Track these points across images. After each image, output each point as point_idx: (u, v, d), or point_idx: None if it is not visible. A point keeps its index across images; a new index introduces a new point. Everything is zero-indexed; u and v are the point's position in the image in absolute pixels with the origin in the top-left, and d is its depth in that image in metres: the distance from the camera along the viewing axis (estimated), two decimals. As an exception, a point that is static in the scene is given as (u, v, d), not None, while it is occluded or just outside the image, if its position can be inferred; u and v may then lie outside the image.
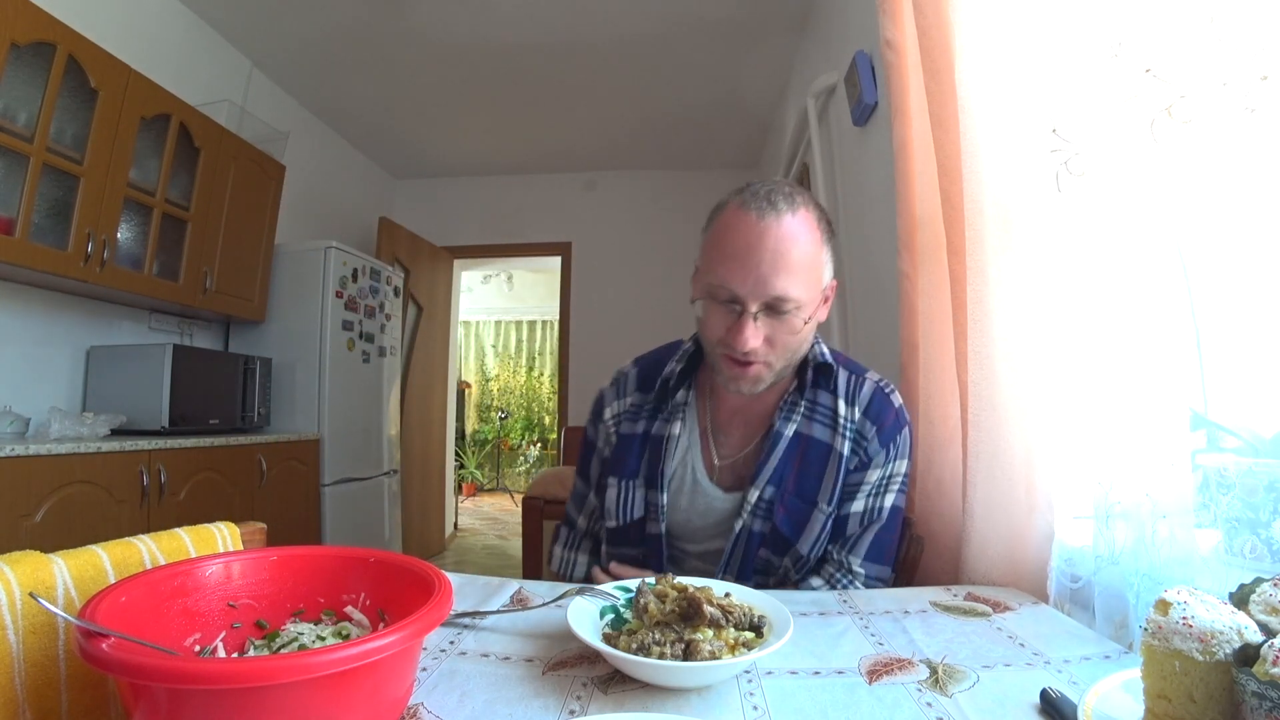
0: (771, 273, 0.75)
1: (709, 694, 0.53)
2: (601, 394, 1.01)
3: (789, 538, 0.86)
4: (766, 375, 0.82)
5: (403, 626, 0.42)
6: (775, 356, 0.81)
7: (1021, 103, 0.86)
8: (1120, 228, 0.79)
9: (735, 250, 0.77)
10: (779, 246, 0.75)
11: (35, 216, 1.77)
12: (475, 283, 7.00)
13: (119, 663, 0.36)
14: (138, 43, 2.22)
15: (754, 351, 0.78)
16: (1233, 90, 0.67)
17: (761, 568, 0.88)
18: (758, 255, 0.75)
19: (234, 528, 0.65)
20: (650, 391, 0.94)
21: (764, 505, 0.86)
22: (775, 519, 0.85)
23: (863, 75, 1.78)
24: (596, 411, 1.00)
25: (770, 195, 0.77)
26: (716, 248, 0.79)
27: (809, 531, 0.85)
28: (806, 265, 0.77)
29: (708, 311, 0.81)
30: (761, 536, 0.86)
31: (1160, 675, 0.43)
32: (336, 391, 2.85)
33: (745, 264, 0.76)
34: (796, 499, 0.86)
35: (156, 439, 1.96)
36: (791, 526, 0.85)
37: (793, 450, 0.87)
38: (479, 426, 7.14)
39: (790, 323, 0.78)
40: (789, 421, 0.87)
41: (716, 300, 0.79)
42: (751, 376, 0.81)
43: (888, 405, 0.89)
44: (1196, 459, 0.73)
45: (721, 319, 0.80)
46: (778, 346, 0.80)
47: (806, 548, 0.86)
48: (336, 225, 3.63)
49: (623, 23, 2.71)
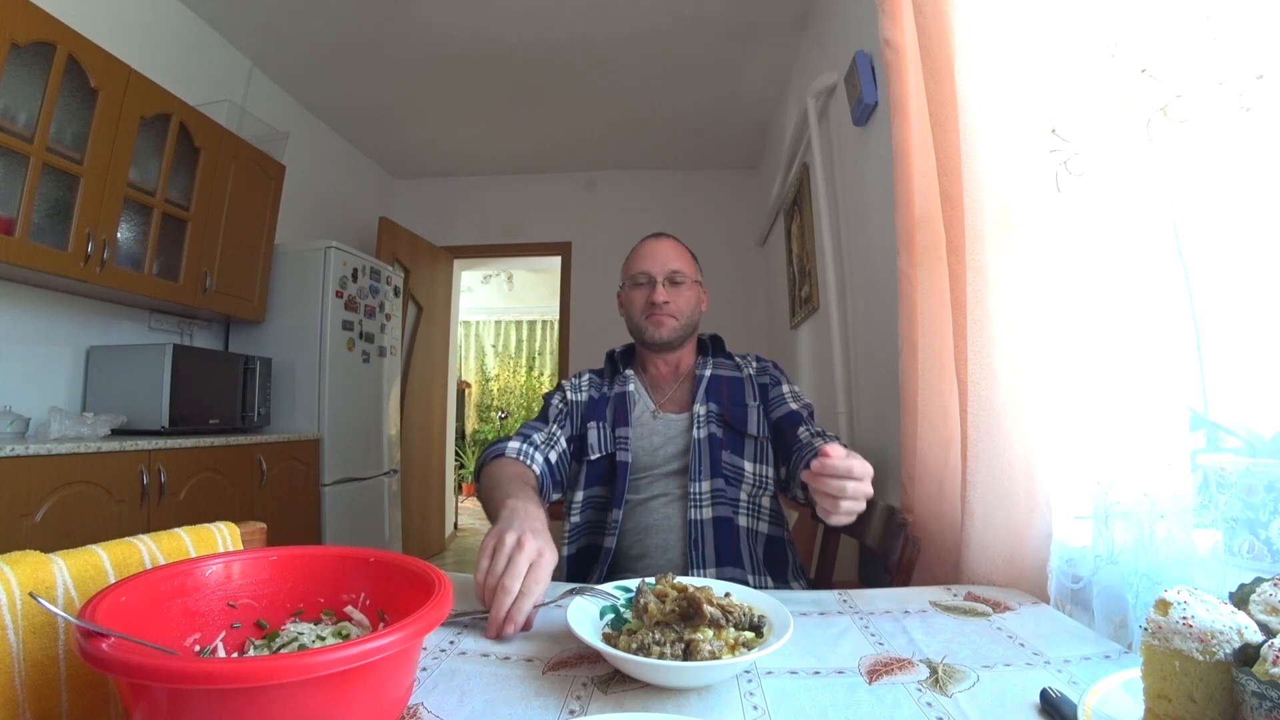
0: (667, 259, 1.20)
1: (709, 694, 0.53)
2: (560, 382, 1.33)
3: (738, 427, 1.17)
4: (676, 325, 1.20)
5: (403, 626, 0.42)
6: (679, 312, 1.20)
7: (1021, 102, 0.86)
8: (1119, 227, 0.79)
9: (643, 253, 1.23)
10: (667, 248, 1.22)
11: (35, 216, 1.77)
12: (475, 283, 7.00)
13: (119, 663, 0.36)
14: (138, 43, 2.22)
15: (666, 304, 1.18)
16: (1229, 89, 0.67)
17: (731, 474, 1.13)
18: (656, 251, 1.22)
19: (234, 528, 0.66)
20: (601, 375, 1.31)
21: (714, 416, 1.17)
22: (727, 418, 1.17)
23: (863, 75, 1.78)
24: (559, 386, 1.31)
25: (657, 234, 1.26)
26: (632, 259, 1.24)
27: (749, 420, 1.18)
28: (686, 259, 1.23)
29: (632, 294, 1.22)
30: (720, 440, 1.15)
31: (1160, 675, 0.43)
32: (336, 391, 2.85)
33: (651, 257, 1.21)
34: (731, 404, 1.20)
35: (156, 439, 1.95)
36: (738, 419, 1.18)
37: (717, 385, 1.22)
38: (479, 426, 7.13)
39: (686, 289, 1.21)
40: (705, 369, 1.24)
41: (637, 284, 1.21)
42: (668, 324, 1.19)
43: (765, 359, 1.30)
44: (1196, 459, 0.74)
45: (642, 293, 1.21)
46: (679, 303, 1.20)
47: (754, 428, 1.17)
48: (336, 225, 3.63)
49: (623, 23, 2.71)
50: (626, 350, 1.32)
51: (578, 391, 1.26)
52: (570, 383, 1.28)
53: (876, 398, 1.86)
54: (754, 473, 1.14)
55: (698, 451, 1.13)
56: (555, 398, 1.26)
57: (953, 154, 0.91)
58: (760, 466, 1.15)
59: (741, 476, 1.13)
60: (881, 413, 1.79)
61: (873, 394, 1.92)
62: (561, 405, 1.23)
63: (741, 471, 1.14)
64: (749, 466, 1.14)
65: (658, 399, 1.24)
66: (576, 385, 1.28)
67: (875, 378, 1.89)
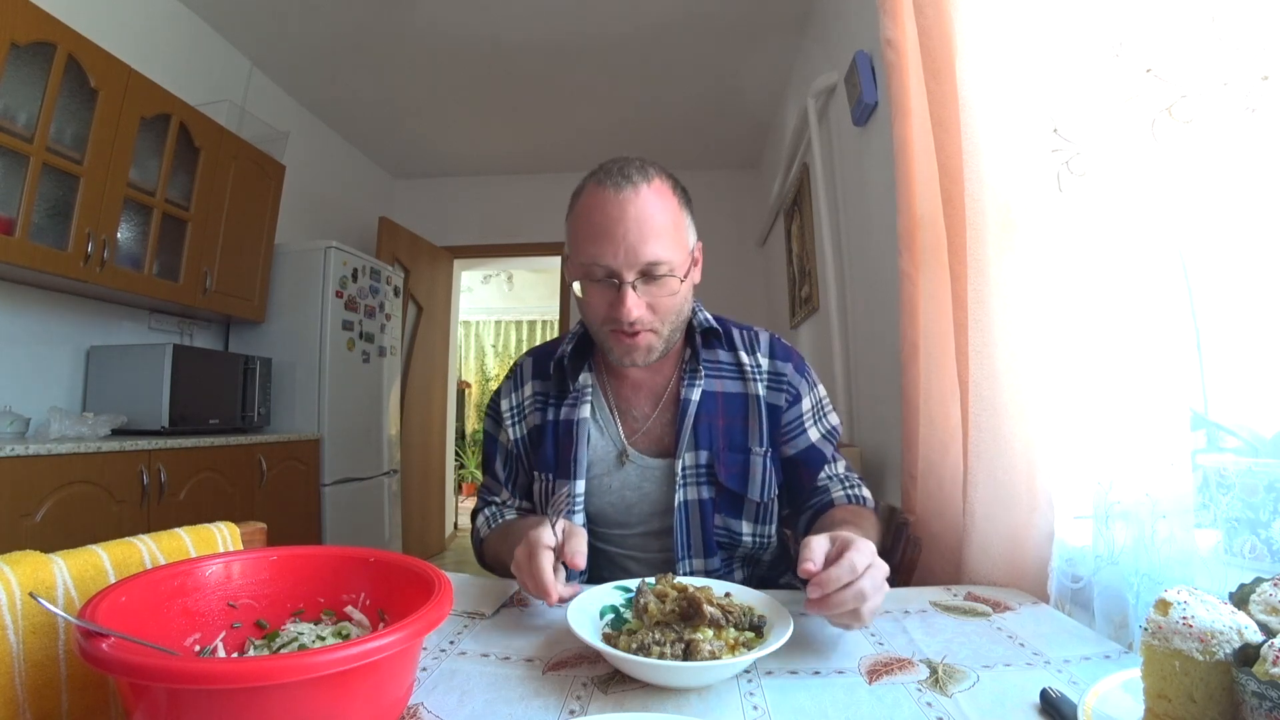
0: (639, 241, 0.77)
1: (709, 694, 0.53)
2: (498, 390, 1.01)
3: (738, 490, 0.88)
4: (657, 343, 0.84)
5: (403, 626, 0.42)
6: (660, 322, 0.83)
7: (1023, 102, 0.86)
8: (1121, 228, 0.79)
9: (601, 226, 0.78)
10: (641, 215, 0.78)
11: (35, 216, 1.77)
12: (475, 283, 7.00)
13: (119, 663, 0.36)
14: (138, 43, 2.22)
15: (640, 320, 0.80)
16: (1233, 90, 0.67)
17: (725, 541, 0.88)
18: (623, 227, 0.77)
19: (234, 528, 0.65)
20: (548, 379, 0.96)
21: (704, 471, 0.88)
22: (720, 478, 0.87)
23: (863, 75, 1.78)
24: (494, 405, 1.00)
25: (624, 169, 0.80)
26: (583, 227, 0.81)
27: (753, 478, 0.88)
28: (670, 228, 0.80)
29: (587, 292, 0.83)
30: (712, 503, 0.87)
31: (1160, 675, 0.43)
32: (336, 391, 2.85)
33: (613, 237, 0.78)
34: (730, 452, 0.88)
35: (156, 439, 1.96)
36: (736, 479, 0.88)
37: (711, 410, 0.90)
38: (479, 426, 7.13)
39: (667, 285, 0.81)
40: (693, 386, 0.89)
41: (593, 279, 0.81)
42: (643, 347, 0.83)
43: (786, 347, 0.96)
44: (1196, 459, 0.73)
45: (602, 296, 0.81)
46: (660, 311, 0.82)
47: (756, 492, 0.88)
48: (336, 225, 3.63)
49: (623, 22, 2.71)
50: (579, 345, 0.95)
51: (518, 420, 0.96)
52: (508, 404, 0.97)
53: (877, 398, 1.86)
54: (753, 534, 0.89)
55: (683, 520, 0.86)
56: (499, 437, 0.98)
57: (954, 154, 0.91)
58: (762, 527, 0.90)
59: (738, 543, 0.89)
60: (882, 413, 1.79)
61: (873, 394, 1.91)
62: (507, 446, 0.97)
63: (738, 537, 0.89)
64: (747, 529, 0.89)
65: (628, 428, 0.92)
66: (517, 408, 0.96)
67: (875, 377, 1.89)
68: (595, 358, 0.96)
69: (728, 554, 0.89)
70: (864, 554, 0.59)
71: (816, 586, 0.57)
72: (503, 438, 0.98)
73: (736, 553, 0.90)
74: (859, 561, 0.58)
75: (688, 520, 0.87)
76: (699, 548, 0.87)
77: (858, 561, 0.58)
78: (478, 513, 0.99)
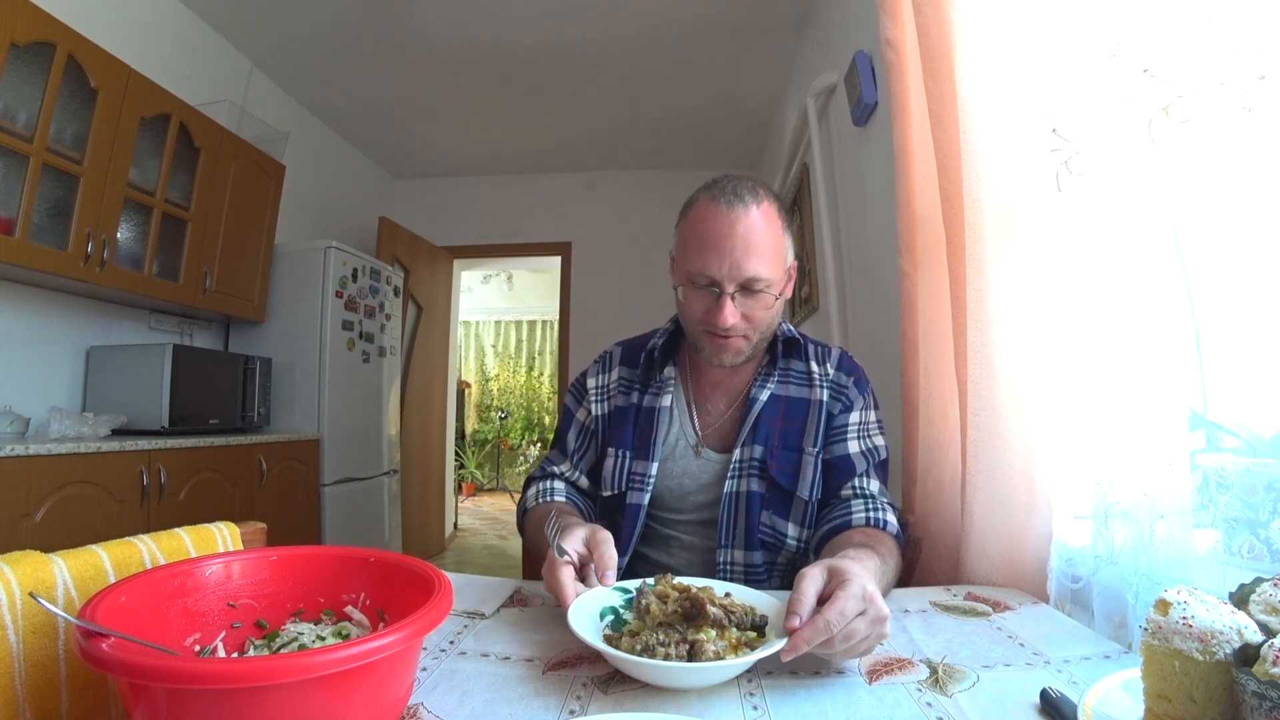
0: (744, 257, 0.84)
1: (709, 694, 0.53)
2: (584, 372, 1.07)
3: (787, 487, 0.91)
4: (745, 347, 0.91)
5: (403, 626, 0.42)
6: (752, 330, 0.89)
7: (1021, 102, 0.86)
8: (1120, 227, 0.79)
9: (710, 239, 0.85)
10: (749, 234, 0.84)
11: (35, 216, 1.77)
12: (475, 283, 7.00)
13: (119, 663, 0.36)
14: (138, 43, 2.22)
15: (734, 327, 0.87)
16: (1230, 90, 0.67)
17: (770, 540, 0.90)
18: (730, 242, 0.84)
19: (234, 528, 0.66)
20: (636, 366, 1.02)
21: (755, 465, 0.92)
22: (771, 472, 0.91)
23: (863, 75, 1.78)
24: (579, 384, 1.06)
25: (737, 189, 0.86)
26: (693, 238, 0.87)
27: (803, 477, 0.91)
28: (772, 249, 0.86)
29: (688, 296, 0.89)
30: (760, 497, 0.91)
31: (1160, 675, 0.43)
32: (336, 391, 2.85)
33: (720, 251, 0.84)
34: (785, 450, 0.93)
35: (156, 439, 1.96)
36: (787, 476, 0.91)
37: (773, 411, 0.95)
38: (479, 426, 7.13)
39: (763, 299, 0.87)
40: (764, 388, 0.95)
41: (695, 286, 0.87)
42: (733, 349, 0.90)
43: (854, 363, 1.01)
44: (1195, 459, 0.73)
45: (701, 301, 0.88)
46: (754, 321, 0.88)
47: (806, 490, 0.91)
48: (336, 225, 3.63)
49: (623, 23, 2.71)
50: (670, 341, 1.01)
51: (603, 399, 1.02)
52: (595, 384, 1.04)
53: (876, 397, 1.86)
54: (798, 539, 0.90)
55: (730, 510, 0.91)
56: (577, 412, 1.04)
57: (953, 154, 0.91)
58: (807, 531, 0.91)
59: (782, 544, 0.90)
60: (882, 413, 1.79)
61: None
62: (584, 421, 1.03)
63: (783, 538, 0.90)
64: (792, 532, 0.90)
65: (702, 423, 0.98)
66: (603, 389, 1.03)
67: (875, 378, 1.88)
68: (680, 354, 1.03)
69: (771, 555, 0.91)
70: (855, 598, 0.54)
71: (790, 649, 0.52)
72: (581, 414, 1.04)
73: (780, 556, 0.91)
74: (849, 609, 0.53)
75: (734, 510, 0.91)
76: (741, 539, 0.90)
77: (848, 609, 0.53)
78: (533, 480, 1.02)
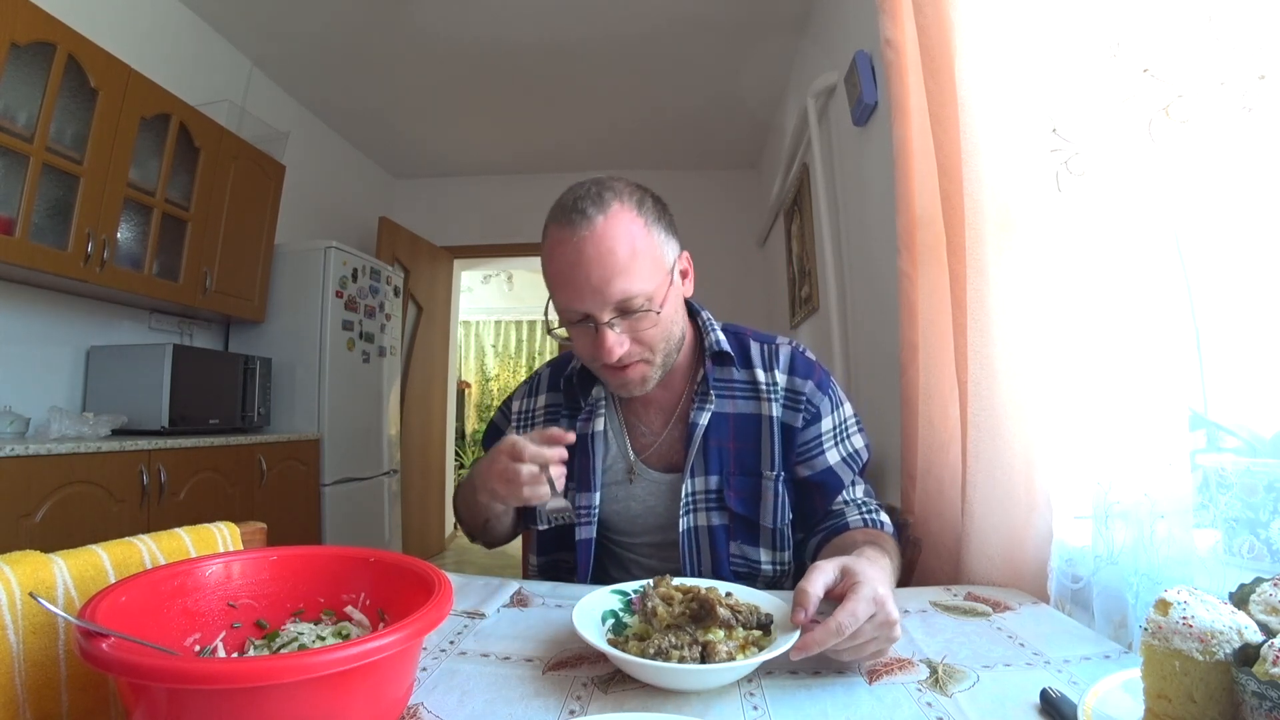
0: (603, 282, 0.74)
1: (709, 694, 0.53)
2: (513, 393, 1.02)
3: (748, 515, 0.85)
4: (650, 372, 0.82)
5: (403, 626, 0.42)
6: (648, 351, 0.80)
7: (1021, 102, 0.86)
8: (1120, 227, 0.79)
9: (564, 272, 0.76)
10: (600, 253, 0.74)
11: (35, 216, 1.77)
12: (475, 283, 7.00)
13: (119, 663, 0.36)
14: (138, 43, 2.22)
15: (625, 355, 0.79)
16: (1230, 90, 0.67)
17: (744, 570, 0.85)
18: (583, 271, 0.74)
19: (234, 528, 0.65)
20: (560, 391, 0.96)
21: (713, 496, 0.85)
22: (729, 503, 0.85)
23: (863, 75, 1.78)
24: (506, 404, 1.01)
25: (578, 204, 0.76)
26: (550, 274, 0.79)
27: (764, 503, 0.85)
28: (636, 257, 0.76)
29: (571, 334, 0.81)
30: (725, 529, 0.85)
31: (1160, 675, 0.43)
32: (336, 391, 2.85)
33: (575, 282, 0.75)
34: (741, 477, 0.86)
35: (156, 439, 1.95)
36: (746, 504, 0.85)
37: (722, 433, 0.87)
38: (479, 426, 7.13)
39: (646, 318, 0.78)
40: (702, 410, 0.87)
41: (572, 323, 0.80)
42: (637, 379, 0.82)
43: (809, 362, 0.91)
44: (1196, 459, 0.73)
45: (583, 337, 0.80)
46: (645, 341, 0.79)
47: (769, 518, 0.85)
48: (336, 225, 3.63)
49: (623, 23, 2.71)
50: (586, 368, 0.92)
51: (526, 426, 0.96)
52: (519, 406, 0.98)
53: (876, 398, 1.86)
54: (773, 563, 0.86)
55: (691, 545, 0.85)
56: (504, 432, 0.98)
57: (953, 153, 0.91)
58: (781, 554, 0.87)
59: (756, 573, 0.86)
60: (881, 413, 1.79)
61: (873, 394, 1.91)
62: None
63: (756, 566, 0.86)
64: (765, 557, 0.86)
65: (637, 444, 0.91)
66: (526, 413, 0.97)
67: (875, 378, 1.89)
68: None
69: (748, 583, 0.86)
70: (866, 601, 0.52)
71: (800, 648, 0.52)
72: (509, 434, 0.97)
73: (757, 582, 0.86)
74: (861, 611, 0.52)
75: (695, 545, 0.85)
76: (709, 571, 0.85)
77: (860, 611, 0.52)
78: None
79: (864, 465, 0.91)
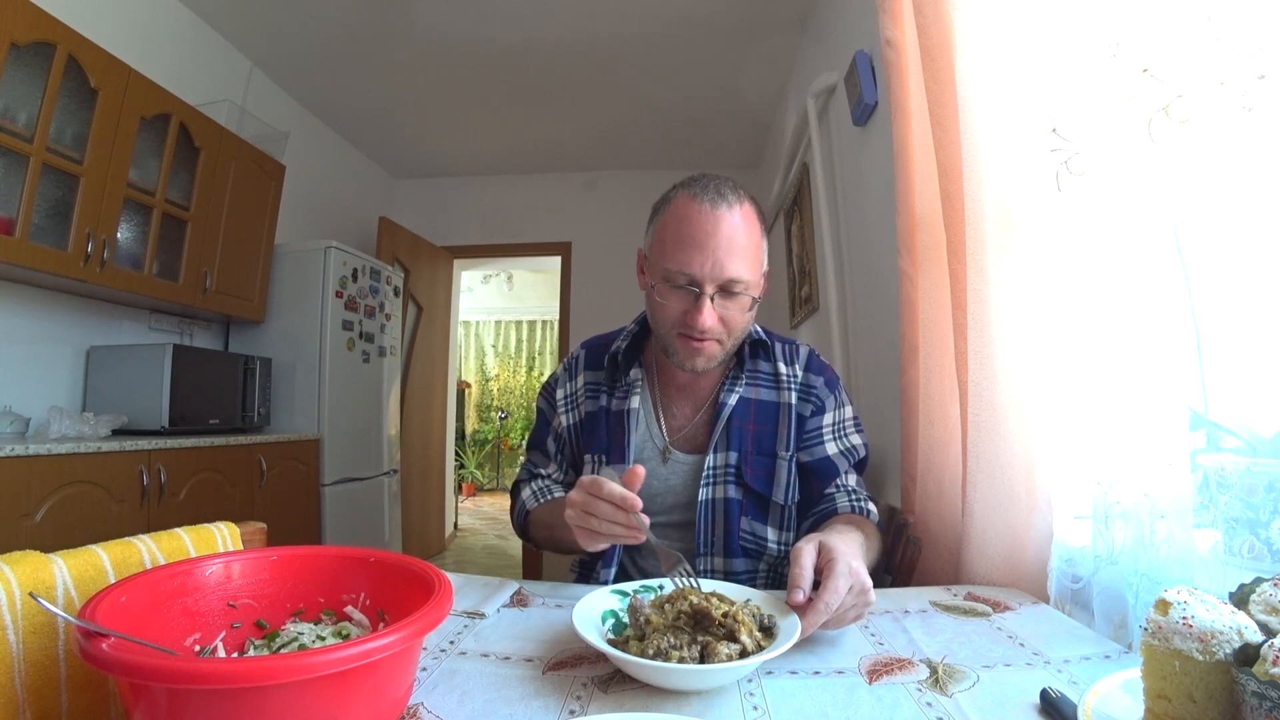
0: (726, 257, 0.82)
1: (709, 694, 0.53)
2: (554, 376, 1.08)
3: (762, 492, 0.92)
4: (718, 352, 0.89)
5: (403, 626, 0.42)
6: (727, 334, 0.88)
7: (1021, 102, 0.86)
8: (1120, 227, 0.79)
9: (693, 237, 0.83)
10: (732, 234, 0.83)
11: (35, 216, 1.77)
12: (475, 283, 7.00)
13: (119, 663, 0.36)
14: (138, 43, 2.22)
15: (710, 330, 0.85)
16: (1230, 89, 0.67)
17: (752, 547, 0.91)
18: (714, 241, 0.82)
19: (234, 528, 0.65)
20: (601, 368, 1.02)
21: (731, 471, 0.92)
22: (746, 479, 0.91)
23: (863, 75, 1.78)
24: (549, 390, 1.07)
25: (719, 188, 0.85)
26: (672, 236, 0.85)
27: (778, 481, 0.92)
28: (753, 251, 0.85)
29: (664, 296, 0.87)
30: (739, 503, 0.91)
31: (1160, 675, 0.43)
32: (336, 391, 2.85)
33: (703, 249, 0.82)
34: (759, 456, 0.93)
35: (156, 439, 1.95)
36: (762, 481, 0.92)
37: (744, 415, 0.94)
38: (479, 426, 7.14)
39: (741, 302, 0.86)
40: (732, 392, 0.94)
41: (674, 285, 0.85)
42: (707, 353, 0.88)
43: (823, 363, 1.01)
44: (1196, 459, 0.73)
45: (679, 302, 0.86)
46: (730, 324, 0.87)
47: (781, 495, 0.92)
48: (336, 225, 3.63)
49: (623, 22, 2.71)
50: (634, 342, 1.00)
51: (572, 408, 1.02)
52: (563, 393, 1.04)
53: (876, 398, 1.86)
54: (779, 542, 0.92)
55: (707, 517, 0.91)
56: (552, 420, 1.04)
57: (953, 153, 0.91)
58: (787, 534, 0.92)
59: (763, 550, 0.91)
60: (882, 413, 1.79)
61: (873, 394, 1.91)
62: (558, 429, 1.03)
63: (764, 543, 0.91)
64: (772, 536, 0.92)
65: (670, 427, 0.97)
66: (571, 398, 1.03)
67: (875, 378, 1.89)
68: (646, 355, 1.01)
69: (753, 561, 0.92)
70: (843, 575, 0.60)
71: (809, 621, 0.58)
72: (555, 421, 1.04)
73: (761, 562, 0.92)
74: (841, 586, 0.59)
75: (712, 517, 0.91)
76: (720, 546, 0.90)
77: (840, 586, 0.59)
78: (522, 484, 1.03)
79: (860, 461, 0.97)
